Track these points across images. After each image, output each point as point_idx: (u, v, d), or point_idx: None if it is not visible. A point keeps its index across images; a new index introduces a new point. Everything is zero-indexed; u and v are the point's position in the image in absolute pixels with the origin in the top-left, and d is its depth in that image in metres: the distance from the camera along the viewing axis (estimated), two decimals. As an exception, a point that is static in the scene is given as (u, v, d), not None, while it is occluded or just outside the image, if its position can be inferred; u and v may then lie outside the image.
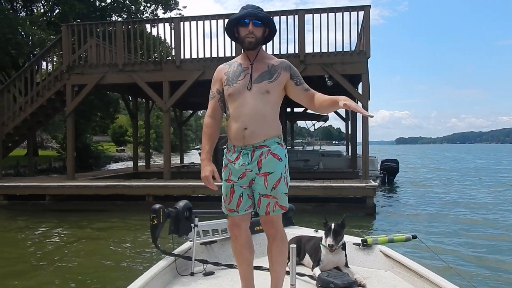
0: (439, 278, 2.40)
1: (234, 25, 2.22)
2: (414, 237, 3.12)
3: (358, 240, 3.12)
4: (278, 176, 2.18)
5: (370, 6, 9.54)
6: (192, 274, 2.80)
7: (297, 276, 2.42)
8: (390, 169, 15.23)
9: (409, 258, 2.79)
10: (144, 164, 15.42)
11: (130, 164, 20.99)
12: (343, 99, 2.02)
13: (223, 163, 2.29)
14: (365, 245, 3.06)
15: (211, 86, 2.33)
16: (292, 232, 3.20)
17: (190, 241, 2.93)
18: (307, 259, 2.99)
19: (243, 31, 2.18)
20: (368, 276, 2.77)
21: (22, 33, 16.45)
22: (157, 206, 2.76)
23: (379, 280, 2.76)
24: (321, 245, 2.84)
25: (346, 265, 2.81)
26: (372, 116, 2.03)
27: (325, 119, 17.18)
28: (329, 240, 2.73)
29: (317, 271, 2.72)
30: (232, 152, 2.24)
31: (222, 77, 2.27)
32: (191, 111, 20.72)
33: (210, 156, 2.27)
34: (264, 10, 2.29)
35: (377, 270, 2.93)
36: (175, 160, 19.96)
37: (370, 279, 2.72)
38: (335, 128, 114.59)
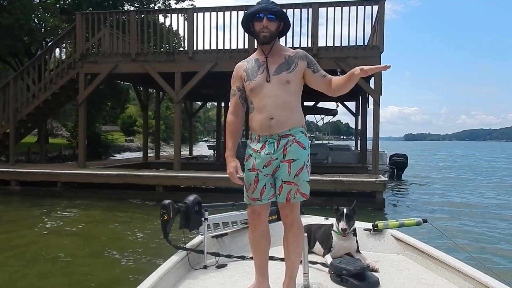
0: (451, 259, 2.43)
1: (250, 20, 2.28)
2: (425, 221, 3.14)
3: (369, 225, 3.14)
4: (302, 164, 2.23)
5: (384, 0, 9.45)
6: (205, 267, 2.83)
7: (309, 264, 2.44)
8: (398, 164, 15.17)
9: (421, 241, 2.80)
10: (154, 155, 15.53)
11: (139, 154, 21.15)
12: (358, 69, 2.08)
13: (246, 153, 2.33)
14: (376, 230, 3.09)
15: (231, 84, 2.38)
16: (302, 220, 3.22)
17: (201, 234, 2.96)
18: (317, 246, 3.01)
19: (258, 25, 2.24)
20: (380, 261, 2.79)
21: (35, 19, 16.57)
22: (167, 201, 2.76)
23: (391, 264, 2.78)
24: (332, 232, 2.87)
25: (358, 251, 2.83)
26: (389, 66, 2.07)
27: (334, 113, 17.12)
28: (342, 224, 2.75)
29: (328, 258, 2.75)
30: (256, 142, 2.29)
31: (242, 74, 2.32)
32: (200, 103, 20.78)
33: (233, 153, 2.34)
34: (278, 2, 2.33)
35: (389, 255, 2.96)
36: (184, 152, 20.08)
37: (382, 263, 2.74)
38: (344, 123, 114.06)
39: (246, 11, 2.32)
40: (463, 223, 7.62)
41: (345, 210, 2.79)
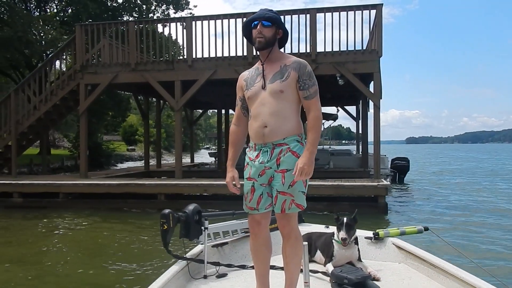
0: (454, 267, 2.40)
1: (249, 29, 2.31)
2: (426, 229, 3.10)
3: (370, 233, 3.11)
4: None
5: (382, 4, 9.49)
6: (205, 277, 2.81)
7: (310, 273, 2.42)
8: (400, 167, 15.12)
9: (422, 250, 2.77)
10: (155, 163, 15.53)
11: (141, 163, 21.18)
12: (297, 169, 2.13)
13: (245, 162, 2.34)
14: (377, 238, 3.06)
15: (236, 93, 2.42)
16: (303, 229, 3.18)
17: (201, 244, 2.94)
18: (318, 255, 2.99)
19: (254, 32, 2.27)
20: (381, 269, 2.76)
21: (35, 32, 16.69)
22: (167, 211, 2.76)
23: (393, 272, 2.75)
24: (333, 241, 2.84)
25: (359, 260, 2.81)
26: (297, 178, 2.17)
27: (335, 118, 17.14)
28: (342, 234, 2.74)
29: (330, 267, 2.73)
30: (253, 150, 2.31)
31: (242, 84, 2.36)
32: (201, 111, 20.83)
33: (233, 163, 2.36)
34: (275, 9, 2.36)
35: (390, 263, 2.92)
36: (186, 159, 20.05)
37: (384, 272, 2.72)
38: (345, 127, 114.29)
39: (244, 21, 2.36)
40: (466, 228, 7.54)
41: (345, 219, 2.77)
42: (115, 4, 20.69)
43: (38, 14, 20.21)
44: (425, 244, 5.15)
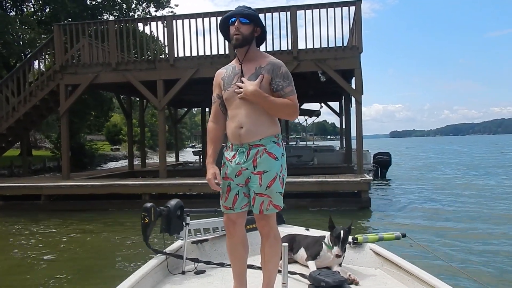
0: (428, 275, 2.44)
1: (226, 25, 2.29)
2: (404, 235, 3.13)
3: (349, 238, 3.16)
4: (273, 175, 2.22)
5: (361, 0, 9.59)
6: (183, 272, 2.82)
7: (288, 274, 2.44)
8: (382, 162, 15.33)
9: (399, 256, 2.82)
10: (140, 163, 15.41)
11: (125, 163, 20.94)
12: (245, 85, 2.20)
13: (222, 161, 2.34)
14: (355, 243, 3.09)
15: (212, 91, 2.40)
16: (283, 230, 3.20)
17: (182, 239, 2.95)
18: (300, 253, 3.00)
19: (232, 29, 2.25)
20: (358, 274, 2.80)
21: (12, 32, 16.33)
22: (149, 204, 2.76)
23: (369, 278, 2.79)
24: (323, 243, 2.87)
25: (339, 265, 2.84)
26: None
27: (317, 114, 17.28)
28: (337, 250, 2.74)
29: (312, 265, 2.76)
30: (230, 150, 2.31)
31: (220, 82, 2.34)
32: (185, 109, 20.72)
33: (213, 160, 2.32)
34: (256, 7, 2.34)
35: (367, 268, 2.96)
36: (170, 158, 19.93)
37: (360, 277, 2.75)
38: (330, 123, 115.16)
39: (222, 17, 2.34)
40: (445, 224, 7.58)
41: (341, 233, 2.76)
42: (94, 3, 20.37)
43: (14, 14, 19.74)
44: (403, 248, 5.22)
